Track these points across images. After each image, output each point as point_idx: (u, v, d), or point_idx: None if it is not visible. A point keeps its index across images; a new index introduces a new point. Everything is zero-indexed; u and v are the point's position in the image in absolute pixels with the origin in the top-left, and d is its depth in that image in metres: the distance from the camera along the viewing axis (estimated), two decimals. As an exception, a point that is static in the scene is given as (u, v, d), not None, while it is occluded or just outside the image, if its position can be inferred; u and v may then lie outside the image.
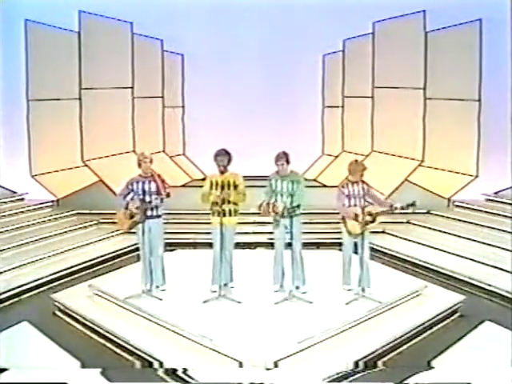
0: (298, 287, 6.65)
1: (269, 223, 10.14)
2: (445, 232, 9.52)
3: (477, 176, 10.74)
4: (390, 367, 5.24)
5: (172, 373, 5.09)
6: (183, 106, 12.03)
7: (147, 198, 6.59)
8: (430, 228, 9.86)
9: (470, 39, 10.53)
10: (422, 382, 4.95)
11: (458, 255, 8.48)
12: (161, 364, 5.22)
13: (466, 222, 9.82)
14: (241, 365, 5.01)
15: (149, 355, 5.34)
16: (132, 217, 6.64)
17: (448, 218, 10.18)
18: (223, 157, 6.60)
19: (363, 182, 6.65)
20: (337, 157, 11.68)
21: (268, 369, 4.96)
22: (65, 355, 5.46)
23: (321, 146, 12.00)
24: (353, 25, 10.97)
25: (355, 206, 6.52)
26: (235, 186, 6.61)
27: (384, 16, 10.76)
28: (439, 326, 6.15)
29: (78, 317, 6.30)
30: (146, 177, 6.70)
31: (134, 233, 6.90)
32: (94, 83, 10.68)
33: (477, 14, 10.38)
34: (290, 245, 6.58)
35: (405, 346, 5.64)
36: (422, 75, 10.73)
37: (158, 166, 6.96)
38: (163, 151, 11.47)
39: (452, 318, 6.36)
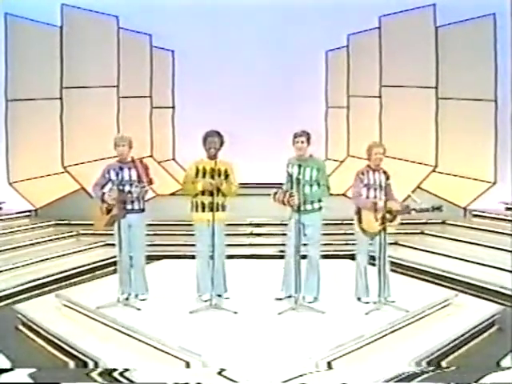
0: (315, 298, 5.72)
1: (266, 234, 9.56)
2: (464, 241, 8.67)
3: (495, 183, 10.19)
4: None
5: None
6: (173, 107, 11.15)
7: (127, 188, 5.64)
8: (447, 238, 9.01)
9: (483, 34, 10.10)
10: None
11: (482, 264, 7.62)
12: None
13: (485, 230, 9.00)
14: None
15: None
16: (109, 211, 5.66)
17: (466, 227, 9.39)
18: (214, 138, 5.66)
19: (385, 172, 5.66)
20: (342, 162, 10.85)
21: None
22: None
23: (324, 150, 11.04)
24: (358, 19, 10.25)
25: (375, 197, 5.54)
26: (226, 176, 5.67)
27: (391, 10, 10.18)
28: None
29: (40, 330, 5.33)
30: (125, 163, 5.76)
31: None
32: (76, 82, 10.16)
33: (490, 9, 9.91)
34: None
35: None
36: (434, 73, 10.22)
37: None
38: (151, 156, 10.60)
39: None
